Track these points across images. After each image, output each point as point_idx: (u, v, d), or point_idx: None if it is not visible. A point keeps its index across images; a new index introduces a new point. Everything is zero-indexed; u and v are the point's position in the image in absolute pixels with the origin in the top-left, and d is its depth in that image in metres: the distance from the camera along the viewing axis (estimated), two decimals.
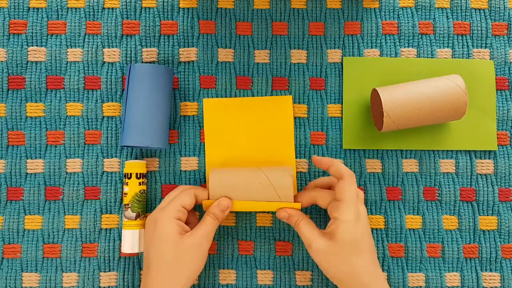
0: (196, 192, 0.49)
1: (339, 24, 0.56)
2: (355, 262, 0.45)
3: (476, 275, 0.53)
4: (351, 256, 0.45)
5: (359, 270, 0.45)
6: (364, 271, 0.45)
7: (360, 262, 0.45)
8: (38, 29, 0.55)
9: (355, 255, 0.45)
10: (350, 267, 0.45)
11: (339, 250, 0.45)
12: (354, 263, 0.45)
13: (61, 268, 0.53)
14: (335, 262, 0.46)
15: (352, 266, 0.45)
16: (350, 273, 0.45)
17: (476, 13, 0.57)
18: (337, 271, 0.46)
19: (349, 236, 0.45)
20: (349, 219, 0.45)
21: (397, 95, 0.49)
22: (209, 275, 0.53)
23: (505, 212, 0.54)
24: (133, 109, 0.50)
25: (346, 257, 0.45)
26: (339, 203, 0.46)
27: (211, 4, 0.56)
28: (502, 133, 0.55)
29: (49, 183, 0.54)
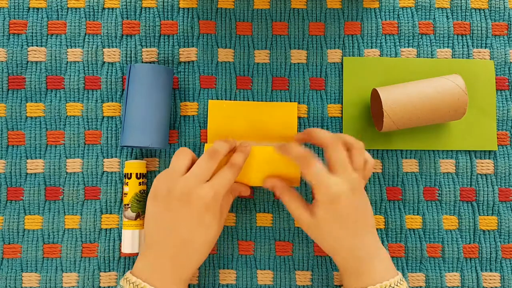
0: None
1: (339, 24, 0.56)
2: (341, 236, 0.44)
3: (476, 275, 0.53)
4: (335, 231, 0.44)
5: (338, 245, 0.45)
6: (344, 247, 0.44)
7: (347, 237, 0.44)
8: (38, 29, 0.55)
9: (336, 230, 0.44)
10: (336, 242, 0.45)
11: (321, 226, 0.45)
12: (340, 237, 0.44)
13: (61, 268, 0.53)
14: (322, 236, 0.45)
15: (333, 240, 0.45)
16: (331, 246, 0.45)
17: (476, 13, 0.57)
18: (326, 245, 0.45)
19: (327, 215, 0.44)
20: (323, 200, 0.44)
21: (397, 95, 0.49)
22: (209, 275, 0.53)
23: (505, 212, 0.54)
24: (133, 109, 0.50)
25: (331, 232, 0.44)
26: (315, 184, 0.44)
27: (211, 4, 0.56)
28: (502, 133, 0.55)
29: (49, 183, 0.54)
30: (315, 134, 0.47)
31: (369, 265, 0.44)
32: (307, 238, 0.54)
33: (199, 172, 0.44)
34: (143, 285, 0.43)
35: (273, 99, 0.55)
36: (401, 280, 0.45)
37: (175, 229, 0.44)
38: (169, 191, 0.44)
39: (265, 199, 0.54)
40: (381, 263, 0.45)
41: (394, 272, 0.45)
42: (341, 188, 0.43)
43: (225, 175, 0.45)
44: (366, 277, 0.44)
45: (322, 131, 0.47)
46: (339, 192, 0.43)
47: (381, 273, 0.44)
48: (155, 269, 0.44)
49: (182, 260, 0.44)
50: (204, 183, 0.44)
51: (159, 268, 0.44)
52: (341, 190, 0.43)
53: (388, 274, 0.44)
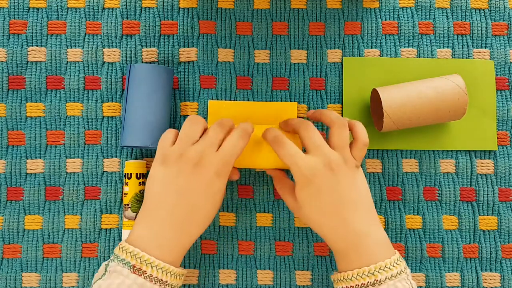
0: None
1: (339, 24, 0.56)
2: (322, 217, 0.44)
3: (476, 275, 0.53)
4: (315, 212, 0.44)
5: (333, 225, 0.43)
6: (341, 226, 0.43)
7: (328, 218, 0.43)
8: (38, 29, 0.55)
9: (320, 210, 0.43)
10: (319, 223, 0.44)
11: (303, 209, 0.45)
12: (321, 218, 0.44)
13: (61, 268, 0.53)
14: (307, 218, 0.45)
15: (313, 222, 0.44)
16: (324, 227, 0.44)
17: (476, 13, 0.57)
18: (313, 227, 0.45)
19: (304, 196, 0.44)
20: (299, 181, 0.43)
21: (397, 95, 0.49)
22: (209, 275, 0.53)
23: (505, 212, 0.54)
24: (133, 109, 0.50)
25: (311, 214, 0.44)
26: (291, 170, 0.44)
27: (211, 4, 0.56)
28: (502, 133, 0.55)
29: (49, 183, 0.54)
30: (289, 120, 0.47)
31: (359, 246, 0.42)
32: (307, 238, 0.54)
33: (212, 140, 0.43)
34: (142, 255, 0.41)
35: (273, 99, 0.55)
36: (398, 260, 0.42)
37: (185, 195, 0.43)
38: (181, 156, 0.43)
39: (265, 199, 0.54)
40: (375, 243, 0.43)
41: (390, 252, 0.43)
42: (314, 167, 0.43)
43: (235, 142, 0.44)
44: (356, 259, 0.42)
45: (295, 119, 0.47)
46: (312, 171, 0.43)
47: (374, 253, 0.42)
48: (156, 237, 0.42)
49: (186, 227, 0.43)
50: (216, 151, 0.44)
51: (160, 236, 0.42)
52: (314, 169, 0.43)
53: (383, 254, 0.42)
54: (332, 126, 0.45)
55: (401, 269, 0.42)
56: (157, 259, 0.42)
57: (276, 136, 0.45)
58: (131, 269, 0.40)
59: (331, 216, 0.43)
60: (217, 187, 0.44)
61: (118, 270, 0.41)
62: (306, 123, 0.45)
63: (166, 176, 0.43)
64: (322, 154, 0.43)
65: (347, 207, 0.43)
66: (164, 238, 0.42)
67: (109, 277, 0.41)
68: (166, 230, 0.43)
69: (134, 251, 0.41)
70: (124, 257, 0.41)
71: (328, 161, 0.43)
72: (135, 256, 0.41)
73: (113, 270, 0.41)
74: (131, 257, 0.41)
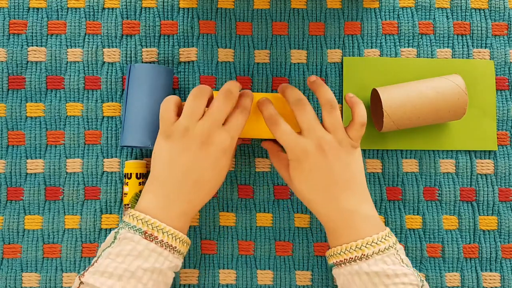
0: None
1: (339, 24, 0.56)
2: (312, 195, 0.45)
3: (476, 275, 0.53)
4: (306, 190, 0.45)
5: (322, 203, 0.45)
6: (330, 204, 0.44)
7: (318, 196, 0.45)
8: (38, 29, 0.55)
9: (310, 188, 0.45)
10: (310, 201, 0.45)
11: (295, 186, 0.46)
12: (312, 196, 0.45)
13: (61, 268, 0.53)
14: (299, 195, 0.46)
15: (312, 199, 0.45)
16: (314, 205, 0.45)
17: (476, 13, 0.57)
18: (305, 203, 0.46)
19: (296, 174, 0.45)
20: (291, 159, 0.45)
21: (397, 95, 0.49)
22: (209, 275, 0.53)
23: (505, 212, 0.54)
24: (133, 109, 0.50)
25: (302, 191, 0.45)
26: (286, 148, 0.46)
27: (211, 4, 0.56)
28: (502, 133, 0.55)
29: (49, 183, 0.54)
30: (287, 95, 0.47)
31: (348, 222, 0.43)
32: (307, 238, 0.54)
33: (217, 115, 0.44)
34: (153, 221, 0.42)
35: None
36: (386, 236, 0.43)
37: (191, 171, 0.43)
38: (187, 131, 0.43)
39: (265, 199, 0.54)
40: (363, 219, 0.43)
41: (380, 228, 0.44)
42: (306, 148, 0.44)
43: (239, 120, 0.45)
44: (345, 234, 0.43)
45: (292, 92, 0.47)
46: (303, 152, 0.44)
47: (362, 229, 0.43)
48: (164, 205, 0.43)
49: (192, 198, 0.44)
50: (221, 127, 0.44)
51: (168, 204, 0.43)
52: (306, 151, 0.44)
53: (371, 230, 0.43)
54: (323, 109, 0.46)
55: (389, 245, 0.43)
56: (167, 225, 0.43)
57: (271, 115, 0.46)
58: (143, 235, 0.41)
59: (322, 194, 0.44)
60: (223, 163, 0.45)
61: (128, 236, 0.42)
62: (301, 103, 0.45)
63: (172, 152, 0.44)
64: (314, 136, 0.44)
65: (339, 187, 0.44)
66: (172, 207, 0.43)
67: (119, 244, 0.42)
68: (173, 200, 0.43)
69: (145, 218, 0.42)
70: (135, 224, 0.42)
71: (320, 143, 0.44)
72: (147, 223, 0.42)
73: (123, 237, 0.42)
74: (143, 224, 0.42)
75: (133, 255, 0.41)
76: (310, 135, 0.44)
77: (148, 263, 0.41)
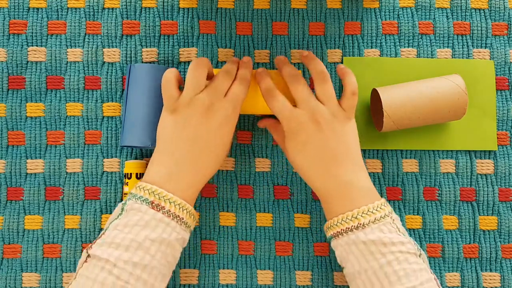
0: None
1: (339, 24, 0.56)
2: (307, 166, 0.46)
3: (476, 275, 0.53)
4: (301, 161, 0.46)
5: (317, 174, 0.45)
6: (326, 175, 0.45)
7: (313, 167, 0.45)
8: (38, 29, 0.55)
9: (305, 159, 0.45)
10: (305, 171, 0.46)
11: (291, 157, 0.47)
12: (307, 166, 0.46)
13: (61, 268, 0.53)
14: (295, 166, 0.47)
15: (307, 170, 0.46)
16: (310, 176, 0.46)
17: (476, 13, 0.57)
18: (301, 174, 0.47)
19: (292, 146, 0.46)
20: (287, 131, 0.46)
21: (397, 95, 0.49)
22: (209, 275, 0.53)
23: (505, 212, 0.54)
24: (133, 109, 0.50)
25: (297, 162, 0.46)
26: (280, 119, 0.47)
27: (211, 4, 0.56)
28: (502, 133, 0.55)
29: (49, 183, 0.54)
30: (283, 71, 0.48)
31: (343, 193, 0.44)
32: (307, 238, 0.54)
33: (219, 87, 0.45)
34: (160, 191, 0.42)
35: None
36: (382, 205, 0.44)
37: (197, 139, 0.44)
38: (191, 102, 0.44)
39: (265, 199, 0.54)
40: (358, 189, 0.44)
41: (375, 198, 0.44)
42: (300, 120, 0.45)
43: (240, 90, 0.46)
44: (340, 205, 0.44)
45: (287, 68, 0.48)
46: (298, 124, 0.45)
47: (357, 199, 0.44)
48: (171, 176, 0.44)
49: (199, 167, 0.45)
50: (223, 98, 0.45)
51: (176, 175, 0.44)
52: (300, 122, 0.45)
53: (366, 200, 0.44)
54: (315, 81, 0.46)
55: (385, 213, 0.43)
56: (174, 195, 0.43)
57: (268, 89, 0.47)
58: (149, 205, 0.42)
59: (317, 167, 0.45)
60: (227, 129, 0.45)
61: (136, 207, 0.42)
62: (295, 76, 0.46)
63: (178, 123, 0.45)
64: (308, 107, 0.45)
65: (334, 159, 0.45)
66: (180, 177, 0.44)
67: (126, 215, 0.42)
68: (181, 170, 0.44)
69: (152, 188, 0.43)
70: (142, 195, 0.42)
71: (313, 114, 0.45)
72: (154, 193, 0.42)
73: (130, 208, 0.42)
74: (149, 194, 0.42)
75: (140, 225, 0.41)
76: (304, 106, 0.45)
77: (155, 233, 0.41)
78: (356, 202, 0.44)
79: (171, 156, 0.44)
